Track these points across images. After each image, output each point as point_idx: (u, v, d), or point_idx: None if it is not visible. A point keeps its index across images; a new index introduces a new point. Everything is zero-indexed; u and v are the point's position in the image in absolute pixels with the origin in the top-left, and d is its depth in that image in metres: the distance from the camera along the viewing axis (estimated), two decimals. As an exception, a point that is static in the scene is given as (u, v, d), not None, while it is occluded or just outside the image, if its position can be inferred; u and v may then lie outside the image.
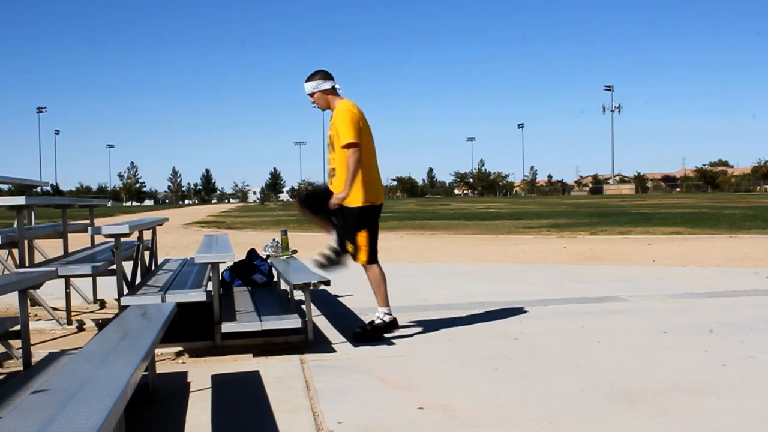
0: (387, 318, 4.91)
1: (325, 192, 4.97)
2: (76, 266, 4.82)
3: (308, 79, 5.00)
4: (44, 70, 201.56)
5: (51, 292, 6.15)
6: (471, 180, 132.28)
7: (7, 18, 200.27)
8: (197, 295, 4.52)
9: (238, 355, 4.51)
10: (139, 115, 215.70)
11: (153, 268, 6.62)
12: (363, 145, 4.83)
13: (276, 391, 3.67)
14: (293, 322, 4.52)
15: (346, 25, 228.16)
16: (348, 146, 4.77)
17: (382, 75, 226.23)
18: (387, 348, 4.65)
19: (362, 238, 4.91)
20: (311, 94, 4.99)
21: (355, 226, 4.89)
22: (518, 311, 5.97)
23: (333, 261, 4.93)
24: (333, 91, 5.00)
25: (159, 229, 7.13)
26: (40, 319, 5.82)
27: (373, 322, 4.93)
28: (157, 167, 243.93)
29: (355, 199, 4.82)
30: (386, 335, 4.93)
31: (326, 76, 5.00)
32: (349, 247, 4.92)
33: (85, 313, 6.29)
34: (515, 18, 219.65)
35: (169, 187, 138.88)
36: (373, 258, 4.97)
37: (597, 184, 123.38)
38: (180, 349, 4.61)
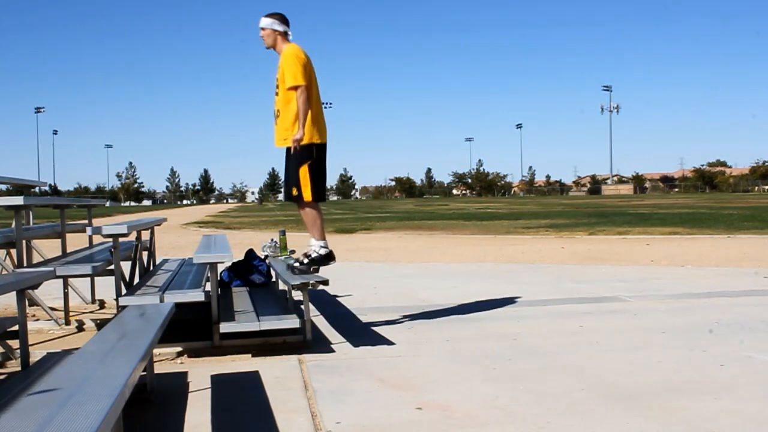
0: (323, 251, 5.10)
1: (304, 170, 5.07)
2: (74, 266, 4.82)
3: (266, 15, 5.18)
4: (42, 69, 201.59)
5: (49, 293, 6.14)
6: (469, 180, 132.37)
7: (5, 18, 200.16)
8: (196, 296, 4.52)
9: (237, 356, 4.51)
10: (137, 115, 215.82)
11: (151, 268, 6.61)
12: (309, 87, 5.00)
13: (274, 391, 3.66)
14: (292, 322, 4.51)
15: (345, 25, 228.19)
16: (296, 88, 4.94)
17: (382, 75, 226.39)
18: (385, 348, 4.65)
19: (304, 174, 5.03)
20: (263, 29, 5.17)
21: (297, 163, 5.03)
22: (516, 311, 5.97)
23: (308, 268, 5.04)
24: (284, 35, 5.17)
25: (157, 229, 7.12)
26: (38, 320, 5.82)
27: (309, 254, 5.07)
28: (155, 167, 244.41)
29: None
30: (379, 330, 4.95)
31: (283, 19, 5.20)
32: (293, 191, 5.06)
33: (83, 313, 6.29)
34: (515, 18, 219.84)
35: (167, 187, 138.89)
36: (315, 196, 5.08)
37: (595, 185, 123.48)
38: (179, 349, 4.61)
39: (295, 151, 4.99)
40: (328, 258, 5.13)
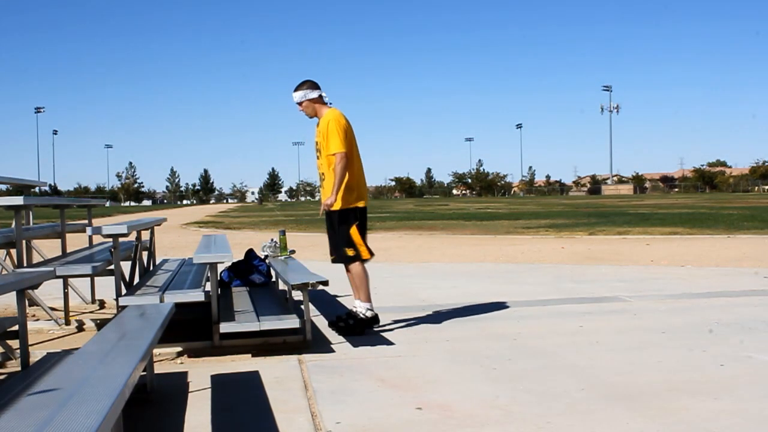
0: (369, 314, 5.13)
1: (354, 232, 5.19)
2: (74, 266, 4.82)
3: (296, 89, 5.27)
4: (42, 70, 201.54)
5: (49, 293, 6.15)
6: (469, 180, 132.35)
7: (5, 18, 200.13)
8: (195, 296, 4.52)
9: (237, 356, 4.51)
10: (137, 115, 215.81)
11: (151, 268, 6.62)
12: (350, 153, 5.12)
13: (274, 392, 3.66)
14: (291, 322, 4.51)
15: (345, 26, 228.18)
16: (335, 154, 5.04)
17: (381, 75, 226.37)
18: (385, 348, 4.65)
19: (356, 235, 5.13)
20: (299, 103, 5.25)
21: (347, 226, 5.13)
22: (516, 311, 5.97)
23: (354, 329, 5.10)
24: (320, 100, 5.26)
25: (157, 229, 7.12)
26: (38, 320, 5.82)
27: (356, 315, 5.10)
28: (155, 167, 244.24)
29: (337, 203, 5.10)
30: (379, 330, 4.96)
31: (313, 85, 5.26)
32: (349, 251, 5.13)
33: (83, 313, 6.29)
34: (514, 18, 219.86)
35: (167, 187, 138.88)
36: (370, 253, 5.19)
37: (595, 185, 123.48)
38: (179, 349, 4.61)
39: (340, 215, 5.10)
40: (374, 321, 5.18)
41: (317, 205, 5.32)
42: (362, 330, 5.08)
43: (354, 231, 5.11)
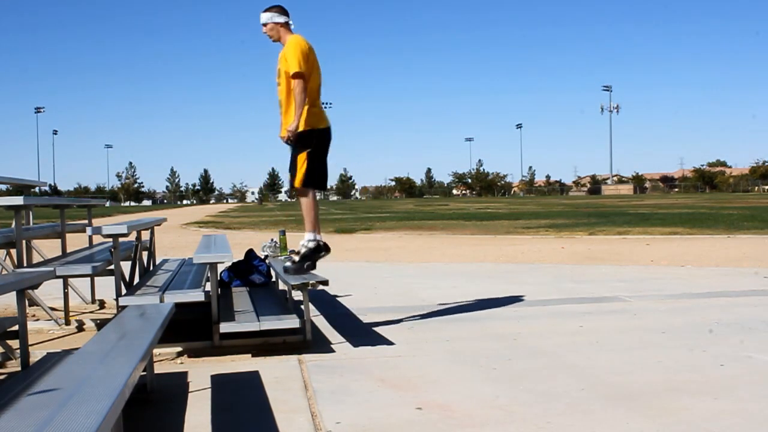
0: (311, 244, 5.10)
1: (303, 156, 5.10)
2: (74, 266, 4.81)
3: (265, 10, 5.23)
4: (42, 70, 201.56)
5: (49, 292, 6.14)
6: (469, 180, 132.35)
7: (5, 18, 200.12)
8: (195, 296, 4.52)
9: (237, 356, 4.51)
10: (137, 115, 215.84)
11: (151, 268, 6.61)
12: (309, 76, 5.05)
13: (274, 392, 3.66)
14: (291, 322, 4.51)
15: (345, 25, 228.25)
16: (294, 76, 4.99)
17: (381, 75, 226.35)
18: (385, 348, 4.65)
19: (302, 160, 5.08)
20: (265, 24, 5.22)
21: (296, 150, 5.08)
22: (516, 311, 5.97)
23: (301, 265, 5.04)
24: (286, 26, 5.22)
25: (157, 229, 7.12)
26: (38, 320, 5.81)
27: (299, 251, 5.09)
28: (155, 167, 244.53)
29: (299, 125, 5.03)
30: (379, 330, 4.95)
31: (282, 10, 5.24)
32: (290, 178, 5.12)
33: (83, 313, 6.29)
34: (514, 18, 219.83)
35: (167, 187, 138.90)
36: (309, 182, 5.11)
37: (595, 185, 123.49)
38: (179, 349, 4.61)
39: (289, 139, 5.04)
40: (318, 251, 5.09)
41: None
42: (312, 261, 5.03)
43: (302, 156, 5.05)
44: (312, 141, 5.08)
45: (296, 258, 5.08)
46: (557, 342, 4.73)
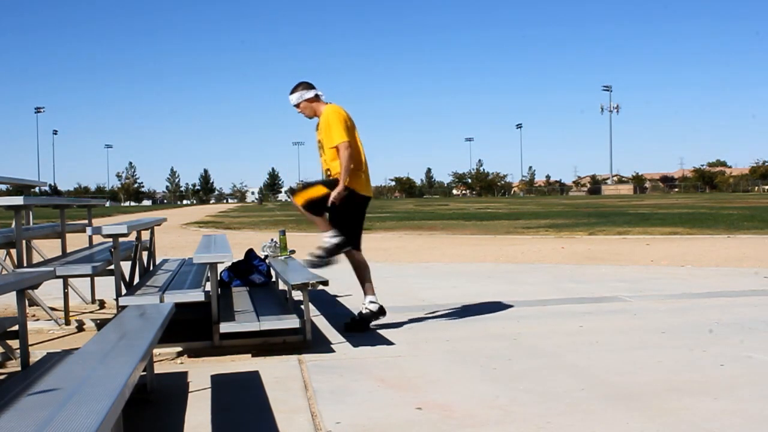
0: (373, 306, 5.16)
1: (322, 190, 5.13)
2: (74, 266, 4.81)
3: (292, 92, 5.27)
4: (42, 69, 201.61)
5: (49, 293, 6.14)
6: (469, 180, 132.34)
7: (5, 18, 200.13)
8: (195, 296, 4.52)
9: (237, 356, 4.51)
10: (137, 115, 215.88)
11: (151, 268, 6.61)
12: (353, 143, 5.10)
13: (274, 392, 3.66)
14: (291, 322, 4.51)
15: (345, 25, 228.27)
16: (340, 144, 5.01)
17: (381, 75, 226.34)
18: (385, 348, 4.65)
19: (350, 224, 5.16)
20: (297, 105, 5.25)
21: (345, 210, 5.10)
22: (516, 311, 5.97)
23: (324, 260, 5.10)
24: (317, 99, 5.25)
25: (157, 229, 7.12)
26: (38, 320, 5.81)
27: (361, 312, 5.14)
28: (155, 167, 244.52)
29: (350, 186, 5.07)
30: (379, 330, 4.98)
31: (308, 86, 5.26)
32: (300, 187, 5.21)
33: (83, 313, 6.29)
34: (514, 18, 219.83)
35: (167, 187, 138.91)
36: (357, 245, 5.23)
37: (595, 185, 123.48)
38: (179, 349, 4.61)
39: (333, 204, 5.05)
40: (380, 313, 5.19)
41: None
42: (334, 256, 5.13)
43: (350, 220, 5.11)
44: (359, 206, 5.20)
45: (357, 318, 5.18)
46: (557, 342, 4.73)
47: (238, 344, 4.59)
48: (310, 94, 5.21)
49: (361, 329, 5.11)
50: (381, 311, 5.20)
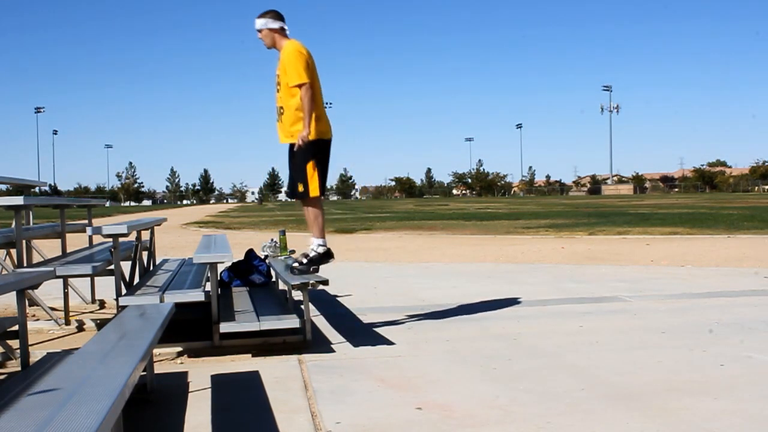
0: (321, 249, 5.10)
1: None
2: (74, 266, 4.81)
3: (259, 16, 5.16)
4: (42, 69, 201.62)
5: (49, 293, 6.14)
6: (469, 180, 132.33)
7: (5, 18, 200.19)
8: (195, 296, 4.52)
9: (237, 356, 4.51)
10: (137, 115, 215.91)
11: (151, 268, 6.61)
12: (313, 84, 4.99)
13: (274, 392, 3.66)
14: (291, 322, 4.51)
15: (344, 25, 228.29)
16: (300, 86, 4.93)
17: (381, 75, 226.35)
18: (385, 348, 4.65)
19: (311, 170, 5.04)
20: (259, 30, 5.16)
21: (304, 159, 5.03)
22: (516, 311, 5.97)
23: (306, 267, 5.05)
24: (281, 31, 5.16)
25: (157, 229, 7.12)
26: (38, 320, 5.81)
27: (308, 254, 5.08)
28: (155, 167, 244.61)
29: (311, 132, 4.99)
30: (379, 330, 4.96)
31: (277, 15, 5.17)
32: (300, 187, 5.06)
33: (83, 313, 6.29)
34: (514, 18, 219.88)
35: (167, 187, 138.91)
36: (321, 191, 5.12)
37: (595, 185, 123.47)
38: (179, 349, 4.61)
39: (300, 148, 4.98)
40: (327, 256, 5.13)
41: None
42: (317, 267, 5.05)
43: (311, 166, 5.02)
44: (318, 149, 5.06)
45: (304, 260, 5.09)
46: (557, 342, 4.73)
47: (238, 344, 4.59)
48: (276, 24, 5.12)
49: (308, 271, 5.01)
50: (328, 254, 5.13)
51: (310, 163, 5.01)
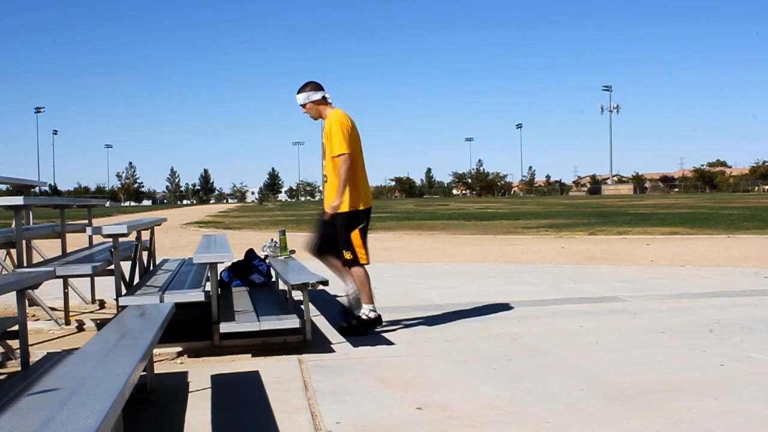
0: (372, 314, 5.12)
1: (327, 228, 5.16)
2: (74, 266, 4.82)
3: (299, 91, 5.25)
4: (42, 69, 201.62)
5: (49, 293, 6.14)
6: (469, 180, 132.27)
7: (5, 18, 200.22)
8: (195, 295, 4.52)
9: (237, 356, 4.51)
10: (137, 115, 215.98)
11: (151, 268, 6.62)
12: (354, 154, 5.07)
13: (274, 391, 3.66)
14: (291, 322, 4.51)
15: (345, 25, 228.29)
16: (339, 156, 5.00)
17: (381, 75, 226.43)
18: (385, 348, 4.65)
19: (357, 239, 5.09)
20: (303, 105, 5.23)
21: (347, 229, 5.08)
22: (517, 311, 5.97)
23: (358, 329, 5.08)
24: (323, 101, 5.23)
25: (157, 229, 7.12)
26: (38, 320, 5.82)
27: (359, 317, 5.10)
28: (155, 167, 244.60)
29: (343, 205, 5.05)
30: (379, 330, 4.98)
31: (316, 87, 5.24)
32: (347, 255, 5.10)
33: (83, 313, 6.29)
34: (514, 18, 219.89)
35: (167, 187, 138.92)
36: (368, 258, 5.16)
37: (595, 185, 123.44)
38: (179, 349, 4.61)
39: (340, 216, 5.04)
40: (377, 322, 5.16)
41: (318, 205, 5.34)
42: (365, 331, 5.07)
43: (355, 234, 5.07)
44: (360, 219, 5.12)
45: (354, 322, 5.11)
46: (557, 342, 4.73)
47: (238, 344, 4.59)
48: (318, 96, 5.19)
49: (358, 333, 5.05)
50: (379, 321, 5.18)
51: (355, 232, 5.07)
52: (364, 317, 5.09)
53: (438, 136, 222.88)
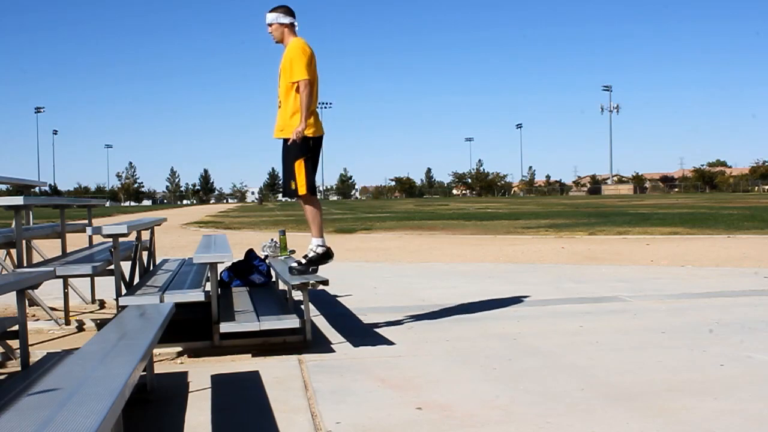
0: (320, 249, 5.13)
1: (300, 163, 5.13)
2: (74, 266, 4.82)
3: (271, 10, 5.23)
4: (42, 69, 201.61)
5: (49, 293, 6.14)
6: (469, 180, 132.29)
7: (5, 18, 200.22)
8: (195, 295, 4.52)
9: (237, 356, 4.51)
10: (137, 115, 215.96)
11: (151, 268, 6.61)
12: (313, 81, 5.07)
13: (274, 391, 3.66)
14: (291, 322, 4.51)
15: (345, 25, 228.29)
16: (301, 82, 5.00)
17: (382, 74, 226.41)
18: (386, 348, 4.65)
19: (299, 167, 5.08)
20: (270, 24, 5.23)
21: (294, 157, 5.07)
22: (516, 311, 5.97)
23: (306, 268, 5.07)
24: (290, 27, 5.23)
25: (157, 229, 7.12)
26: (38, 320, 5.82)
27: (307, 255, 5.11)
28: (155, 167, 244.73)
29: (307, 130, 5.03)
30: (379, 330, 4.95)
31: (288, 11, 5.25)
32: (292, 184, 5.10)
33: (83, 313, 6.29)
34: (514, 18, 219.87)
35: (167, 187, 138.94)
36: (311, 190, 5.15)
37: (595, 185, 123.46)
38: (179, 349, 4.61)
39: (292, 143, 5.02)
40: (326, 257, 5.16)
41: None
42: (316, 266, 5.08)
43: (299, 163, 5.06)
44: (309, 147, 5.10)
45: (303, 261, 5.12)
46: (557, 342, 4.73)
47: (238, 344, 4.59)
48: (286, 20, 5.19)
49: (307, 271, 5.04)
50: (328, 254, 5.17)
51: (299, 161, 5.06)
52: (311, 254, 5.10)
53: (438, 136, 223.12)
